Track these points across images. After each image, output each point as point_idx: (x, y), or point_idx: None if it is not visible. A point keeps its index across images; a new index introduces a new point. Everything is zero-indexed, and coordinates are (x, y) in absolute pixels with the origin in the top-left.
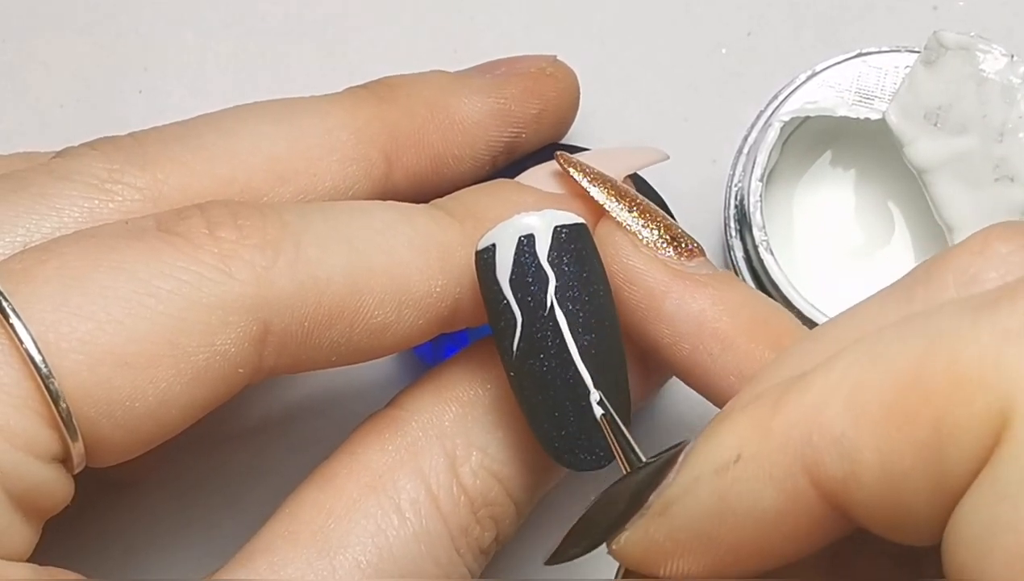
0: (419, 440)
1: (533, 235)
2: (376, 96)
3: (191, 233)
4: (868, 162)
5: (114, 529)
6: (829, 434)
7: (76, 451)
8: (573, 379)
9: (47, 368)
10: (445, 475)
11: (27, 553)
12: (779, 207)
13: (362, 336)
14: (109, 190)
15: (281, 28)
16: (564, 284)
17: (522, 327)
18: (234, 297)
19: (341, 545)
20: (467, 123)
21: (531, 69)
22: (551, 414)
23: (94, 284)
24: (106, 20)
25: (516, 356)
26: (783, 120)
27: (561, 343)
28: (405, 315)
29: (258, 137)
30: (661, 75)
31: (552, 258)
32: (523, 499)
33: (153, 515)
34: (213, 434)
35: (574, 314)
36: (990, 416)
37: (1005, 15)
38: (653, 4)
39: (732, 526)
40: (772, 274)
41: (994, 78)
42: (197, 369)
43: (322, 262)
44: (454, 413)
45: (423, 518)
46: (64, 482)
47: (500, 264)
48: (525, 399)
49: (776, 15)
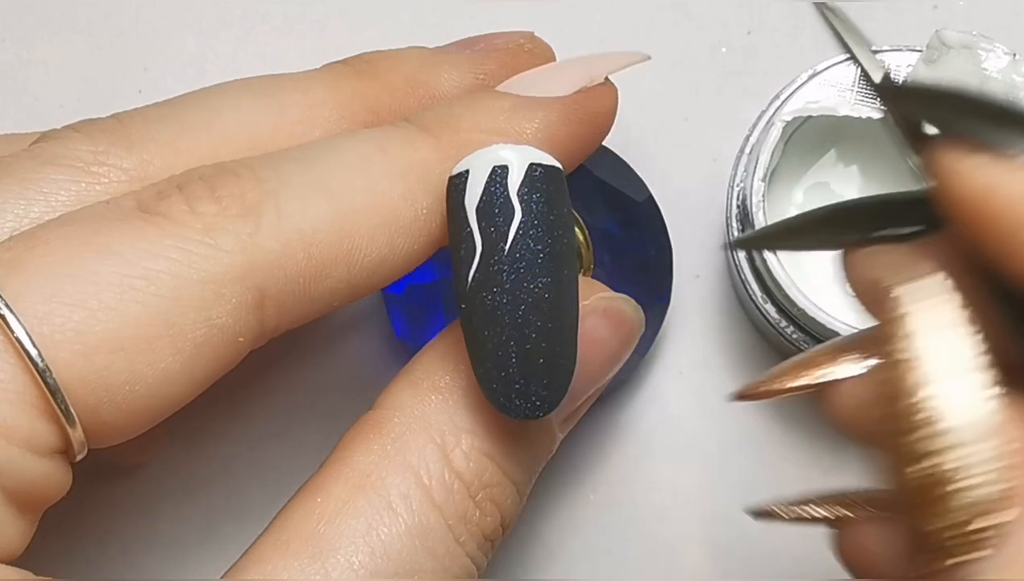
0: (404, 435)
1: (507, 167)
2: (356, 71)
3: (172, 211)
4: (870, 161)
5: (114, 529)
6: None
7: (76, 440)
8: (522, 319)
9: (43, 362)
10: (436, 464)
11: (21, 548)
12: (781, 207)
13: (360, 276)
14: (95, 173)
15: (281, 28)
16: (529, 221)
17: (480, 257)
18: (224, 268)
19: (333, 548)
20: (447, 98)
21: (509, 45)
22: (495, 352)
23: (83, 270)
24: (106, 20)
25: (470, 287)
26: (785, 120)
27: (516, 280)
28: (399, 244)
29: (241, 115)
30: (661, 75)
31: (522, 194)
32: (520, 476)
33: (154, 516)
34: (214, 432)
35: (533, 253)
36: None
37: (1005, 15)
38: (653, 4)
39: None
40: (775, 274)
41: (996, 77)
42: (196, 345)
43: (305, 214)
44: (435, 402)
45: (415, 512)
46: (62, 473)
47: (470, 191)
48: (472, 334)
49: (777, 14)
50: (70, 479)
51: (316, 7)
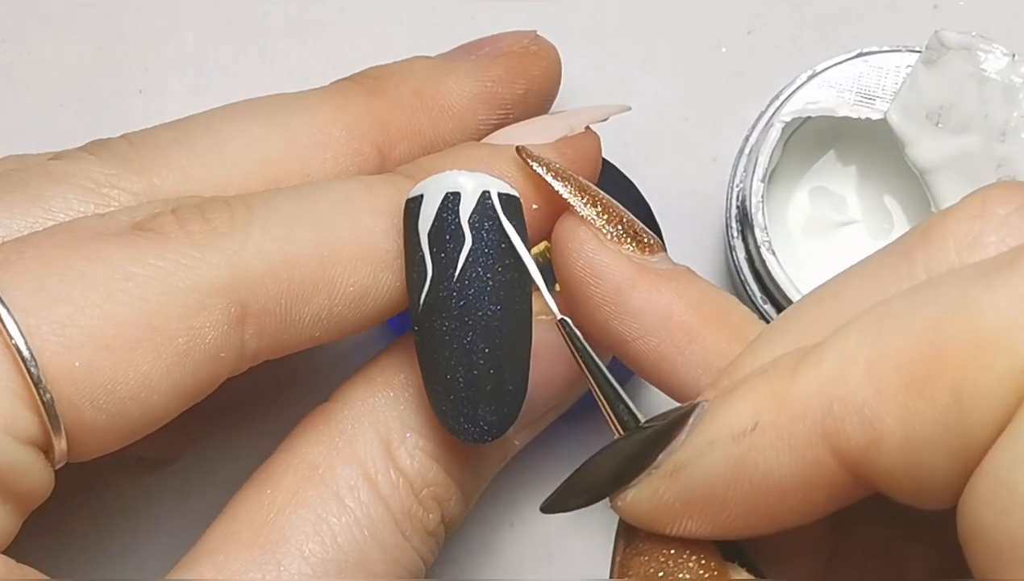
0: (352, 428)
1: (460, 194)
2: (364, 89)
3: (163, 227)
4: (870, 162)
5: (115, 528)
6: (850, 404)
7: (58, 440)
8: (470, 345)
9: (29, 351)
10: (381, 459)
11: (6, 542)
12: (781, 207)
13: (343, 306)
14: (106, 194)
15: (281, 28)
16: (479, 249)
17: (431, 282)
18: (209, 280)
19: (284, 538)
20: (456, 109)
21: (514, 48)
22: (443, 376)
23: (72, 271)
24: (106, 20)
25: (421, 311)
26: (784, 120)
27: (465, 307)
28: (383, 279)
29: (251, 139)
30: (661, 75)
31: (473, 221)
32: (466, 479)
33: (155, 513)
34: (217, 432)
35: (483, 281)
36: (1011, 378)
37: (1005, 15)
38: (653, 4)
39: (746, 491)
40: (774, 274)
41: (996, 78)
42: (177, 353)
43: (289, 239)
44: (386, 398)
45: (363, 504)
46: (43, 470)
47: (423, 215)
48: (423, 356)
49: (777, 15)
50: (51, 481)
51: (316, 7)
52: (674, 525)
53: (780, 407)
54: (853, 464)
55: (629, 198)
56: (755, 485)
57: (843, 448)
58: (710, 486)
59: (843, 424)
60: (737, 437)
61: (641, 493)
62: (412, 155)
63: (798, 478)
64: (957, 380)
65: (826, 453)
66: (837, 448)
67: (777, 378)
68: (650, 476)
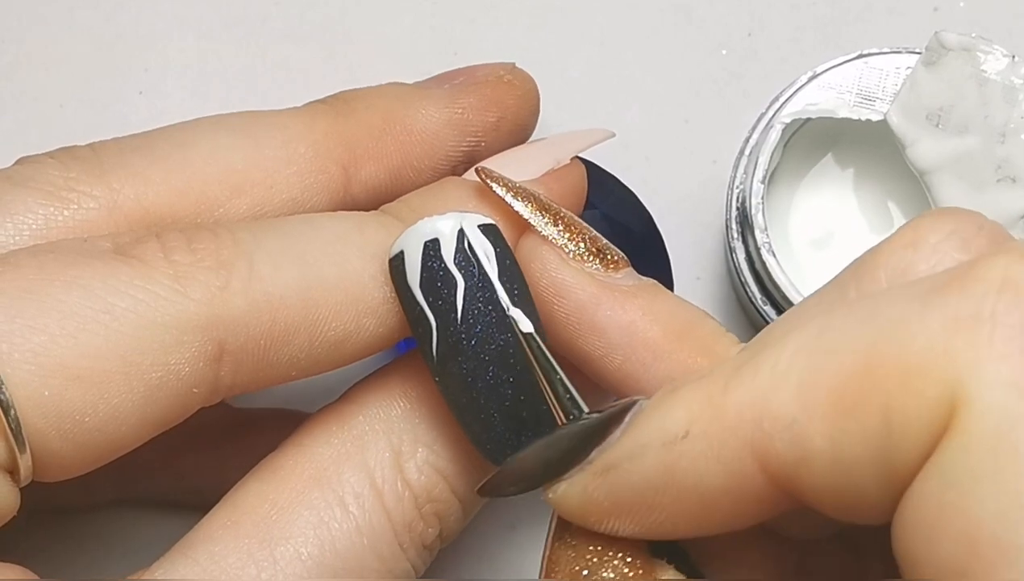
0: (366, 434)
1: (438, 239)
2: (333, 110)
3: (147, 255)
4: (870, 163)
5: (116, 528)
6: (780, 420)
7: (23, 462)
8: (493, 379)
9: None
10: (390, 470)
11: None
12: (781, 209)
13: (322, 349)
14: (65, 198)
15: (281, 29)
16: (473, 285)
17: (437, 331)
18: (188, 316)
19: (283, 536)
20: (424, 134)
21: (489, 77)
22: (478, 417)
23: (49, 298)
24: (106, 20)
25: (437, 360)
26: (784, 122)
27: (476, 345)
28: (366, 324)
29: (215, 148)
30: (661, 76)
31: (459, 261)
32: (469, 497)
33: (155, 514)
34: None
35: (486, 314)
36: (939, 405)
37: (1005, 16)
38: (653, 5)
39: (674, 497)
40: (774, 276)
41: (995, 79)
42: (150, 387)
43: (275, 279)
44: (402, 408)
45: (367, 512)
46: (8, 492)
47: (410, 270)
48: (452, 402)
49: (777, 16)
50: (17, 502)
51: (317, 9)
52: (602, 523)
53: (713, 416)
54: (782, 480)
55: (627, 205)
56: (684, 492)
57: (772, 464)
58: (639, 489)
59: (772, 441)
60: (668, 444)
61: (572, 488)
62: (378, 177)
63: (727, 488)
64: (887, 403)
65: (755, 467)
66: (765, 463)
67: (713, 385)
68: (582, 471)
